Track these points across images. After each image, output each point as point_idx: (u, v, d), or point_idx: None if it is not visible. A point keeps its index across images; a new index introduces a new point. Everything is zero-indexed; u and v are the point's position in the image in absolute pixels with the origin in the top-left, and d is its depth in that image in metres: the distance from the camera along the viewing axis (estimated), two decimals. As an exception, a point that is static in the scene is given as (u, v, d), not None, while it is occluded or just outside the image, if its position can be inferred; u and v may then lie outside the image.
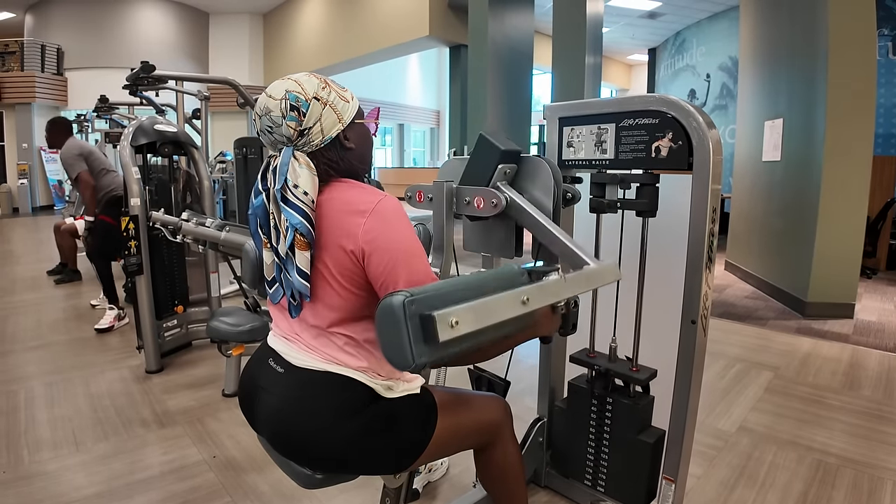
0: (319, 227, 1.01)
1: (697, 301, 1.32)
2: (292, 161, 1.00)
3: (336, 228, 1.00)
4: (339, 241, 0.99)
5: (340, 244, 0.99)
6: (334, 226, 1.00)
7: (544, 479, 1.80)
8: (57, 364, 2.92)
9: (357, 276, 1.01)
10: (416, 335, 0.76)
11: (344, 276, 1.01)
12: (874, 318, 3.93)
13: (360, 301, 1.03)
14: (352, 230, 0.98)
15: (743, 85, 5.68)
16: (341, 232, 0.99)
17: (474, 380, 1.63)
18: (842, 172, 3.82)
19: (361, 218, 0.98)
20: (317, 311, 1.05)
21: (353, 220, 0.99)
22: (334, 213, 1.01)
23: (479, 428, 1.18)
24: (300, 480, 1.10)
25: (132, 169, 2.71)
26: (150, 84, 3.58)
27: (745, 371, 2.89)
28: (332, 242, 1.00)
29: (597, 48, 5.45)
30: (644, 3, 9.85)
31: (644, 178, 1.39)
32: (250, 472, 1.90)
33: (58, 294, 4.55)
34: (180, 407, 2.41)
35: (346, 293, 1.02)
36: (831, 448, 2.09)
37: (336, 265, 1.00)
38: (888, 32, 6.37)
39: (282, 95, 1.00)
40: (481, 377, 1.61)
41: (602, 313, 1.62)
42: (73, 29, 12.67)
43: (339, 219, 1.00)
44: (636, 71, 15.74)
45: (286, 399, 1.05)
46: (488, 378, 1.59)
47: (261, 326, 2.34)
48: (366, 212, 0.99)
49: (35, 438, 2.12)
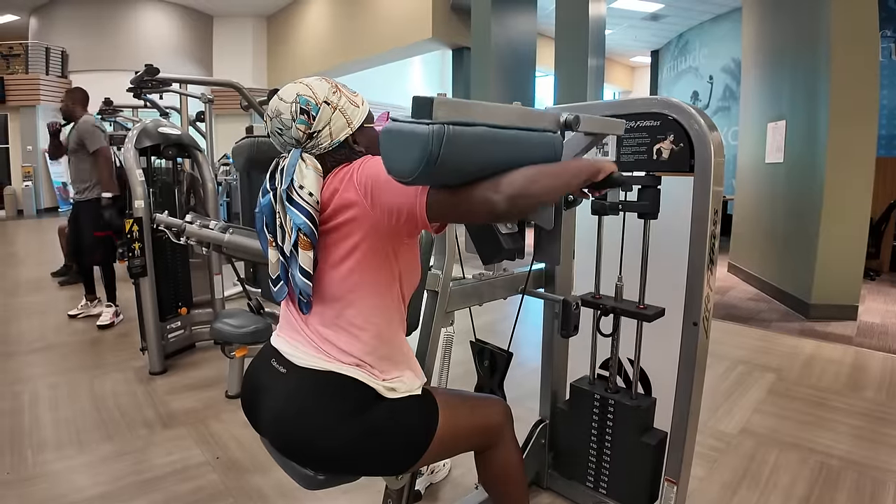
0: (326, 207, 1.01)
1: (699, 303, 1.32)
2: (300, 163, 1.02)
3: (341, 196, 1.01)
4: (346, 200, 1.00)
5: (346, 200, 1.00)
6: (339, 195, 1.01)
7: (546, 480, 1.80)
8: (61, 365, 2.93)
9: (368, 225, 1.00)
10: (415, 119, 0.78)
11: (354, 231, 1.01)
12: (877, 320, 3.92)
13: (364, 274, 1.03)
14: (352, 180, 1.00)
15: (746, 87, 5.68)
16: (346, 192, 1.00)
17: (476, 352, 1.62)
18: (845, 174, 3.81)
19: (353, 171, 1.01)
20: (323, 301, 1.06)
21: (350, 175, 1.01)
22: (337, 188, 1.02)
23: (481, 429, 1.18)
24: (302, 481, 1.10)
25: (136, 171, 2.72)
26: (154, 87, 3.60)
27: (747, 373, 2.88)
28: (337, 211, 1.01)
29: (599, 50, 5.44)
30: (647, 5, 9.84)
31: (646, 180, 1.40)
32: (253, 474, 1.90)
33: (62, 296, 4.57)
34: (183, 408, 2.42)
35: (354, 265, 1.02)
36: (834, 450, 2.09)
37: (346, 227, 1.01)
38: (891, 34, 6.36)
39: (292, 99, 1.02)
40: (483, 349, 1.60)
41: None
42: (78, 32, 12.73)
43: (341, 188, 1.01)
44: (639, 73, 15.73)
45: (288, 399, 1.06)
46: (490, 350, 1.59)
47: (264, 328, 2.34)
48: (347, 172, 1.02)
49: (39, 439, 2.13)
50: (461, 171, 0.84)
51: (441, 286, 1.36)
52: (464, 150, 0.80)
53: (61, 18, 12.74)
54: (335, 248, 1.03)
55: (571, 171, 0.95)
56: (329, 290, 1.05)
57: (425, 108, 0.75)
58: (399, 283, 1.09)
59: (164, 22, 13.61)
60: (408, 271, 1.10)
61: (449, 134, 0.76)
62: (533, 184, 0.86)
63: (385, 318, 1.08)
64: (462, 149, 0.79)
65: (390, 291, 1.08)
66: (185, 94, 4.61)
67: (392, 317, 1.09)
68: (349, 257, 1.02)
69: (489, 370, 1.59)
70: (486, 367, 1.60)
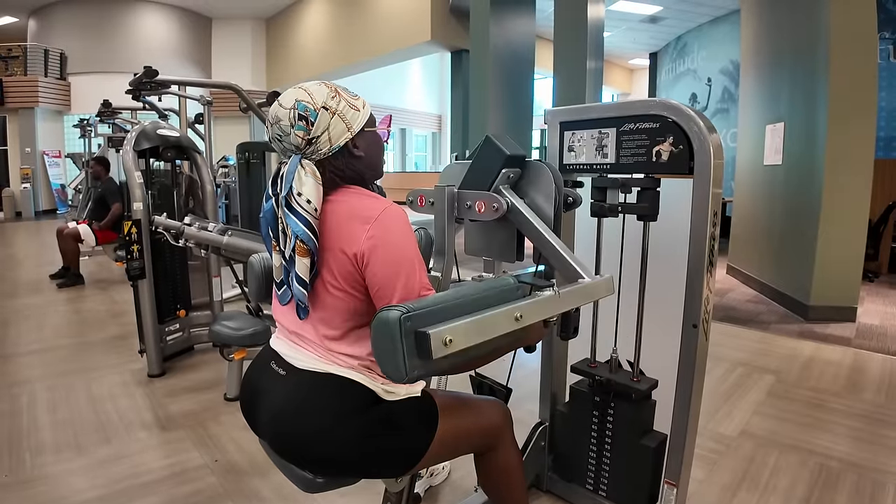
0: (324, 232, 1.02)
1: (699, 305, 1.32)
2: (298, 169, 1.01)
3: (340, 233, 1.01)
4: (342, 245, 1.01)
5: (342, 248, 1.01)
6: (338, 231, 1.02)
7: (546, 483, 1.79)
8: (59, 368, 2.92)
9: (356, 281, 1.02)
10: (411, 350, 0.79)
11: (345, 279, 1.02)
12: (876, 322, 3.92)
13: (359, 305, 1.04)
14: (355, 235, 1.00)
15: (744, 89, 5.69)
16: (345, 237, 1.01)
17: (476, 387, 1.64)
18: (843, 176, 3.81)
19: (366, 224, 1.00)
20: (319, 316, 1.06)
21: (357, 227, 1.00)
22: (339, 219, 1.02)
23: (480, 432, 1.18)
24: (301, 484, 1.10)
25: (135, 173, 2.72)
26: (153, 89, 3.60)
27: (746, 375, 2.88)
28: (335, 246, 1.01)
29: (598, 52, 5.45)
30: (645, 8, 9.86)
31: (645, 182, 1.39)
32: (252, 476, 1.90)
33: (60, 298, 4.56)
34: (182, 411, 2.41)
35: (346, 296, 1.03)
36: (833, 452, 2.09)
37: (338, 268, 1.02)
38: (889, 35, 6.38)
39: (291, 105, 1.02)
40: (483, 384, 1.61)
41: (603, 317, 1.63)
42: (77, 33, 12.73)
43: (343, 224, 1.02)
44: (637, 75, 15.76)
45: (287, 401, 1.05)
46: (490, 385, 1.60)
47: (263, 330, 2.34)
48: (370, 218, 1.00)
49: (37, 442, 2.12)
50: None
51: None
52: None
53: (60, 20, 12.73)
54: (331, 265, 1.03)
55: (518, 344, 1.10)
56: (327, 299, 1.05)
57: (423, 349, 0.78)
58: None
59: (163, 24, 13.61)
60: None
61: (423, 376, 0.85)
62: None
63: None
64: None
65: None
66: (183, 97, 4.61)
67: None
68: (345, 278, 1.03)
69: None
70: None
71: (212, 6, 13.77)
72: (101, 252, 5.51)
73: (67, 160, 11.98)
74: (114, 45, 12.90)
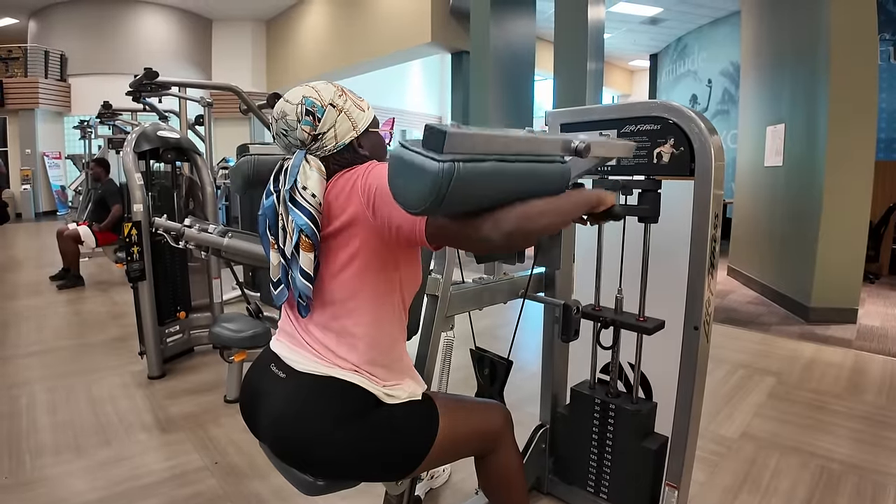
0: (328, 211, 1.02)
1: (700, 307, 1.32)
2: (303, 164, 1.02)
3: (340, 201, 1.01)
4: (346, 205, 1.00)
5: (346, 208, 1.00)
6: (338, 202, 1.01)
7: (547, 485, 1.79)
8: (59, 369, 2.92)
9: (366, 238, 1.00)
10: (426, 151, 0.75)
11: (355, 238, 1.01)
12: (877, 323, 3.92)
13: (367, 278, 1.03)
14: (354, 187, 1.00)
15: (744, 90, 5.69)
16: (349, 198, 1.00)
17: (476, 360, 1.62)
18: (844, 177, 3.82)
19: (357, 172, 1.02)
20: (322, 307, 1.06)
21: (354, 181, 1.01)
22: (338, 192, 1.02)
23: (481, 434, 1.18)
24: (302, 487, 1.10)
25: (135, 175, 2.72)
26: (153, 90, 3.60)
27: (747, 377, 2.88)
28: (339, 215, 1.01)
29: (598, 54, 5.44)
30: (645, 9, 9.86)
31: (646, 184, 1.39)
32: (252, 479, 1.89)
33: (60, 299, 4.56)
34: (182, 413, 2.41)
35: (354, 275, 1.02)
36: (835, 454, 2.08)
37: (347, 232, 1.01)
38: (889, 37, 6.38)
39: (298, 100, 1.02)
40: (483, 357, 1.60)
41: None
42: (77, 35, 12.72)
43: (342, 194, 1.01)
44: (638, 76, 15.75)
45: (287, 404, 1.05)
46: (490, 358, 1.59)
47: (263, 332, 2.34)
48: (361, 168, 1.02)
49: (37, 444, 2.12)
50: (467, 205, 0.83)
51: (441, 290, 1.36)
52: (472, 187, 0.78)
53: (60, 21, 12.73)
54: (336, 254, 1.03)
55: (571, 206, 0.96)
56: (329, 296, 1.05)
57: (437, 141, 0.72)
58: (400, 291, 1.09)
59: (163, 25, 13.61)
60: (408, 279, 1.10)
61: (459, 172, 0.74)
62: (531, 222, 0.87)
63: (383, 330, 1.07)
64: (470, 186, 0.77)
65: (390, 299, 1.07)
66: (184, 98, 4.62)
67: (391, 327, 1.09)
68: (350, 265, 1.02)
69: (489, 378, 1.59)
70: (486, 374, 1.59)
71: (212, 8, 13.77)
72: (102, 254, 5.51)
73: (68, 161, 12.00)
74: (114, 46, 12.90)
